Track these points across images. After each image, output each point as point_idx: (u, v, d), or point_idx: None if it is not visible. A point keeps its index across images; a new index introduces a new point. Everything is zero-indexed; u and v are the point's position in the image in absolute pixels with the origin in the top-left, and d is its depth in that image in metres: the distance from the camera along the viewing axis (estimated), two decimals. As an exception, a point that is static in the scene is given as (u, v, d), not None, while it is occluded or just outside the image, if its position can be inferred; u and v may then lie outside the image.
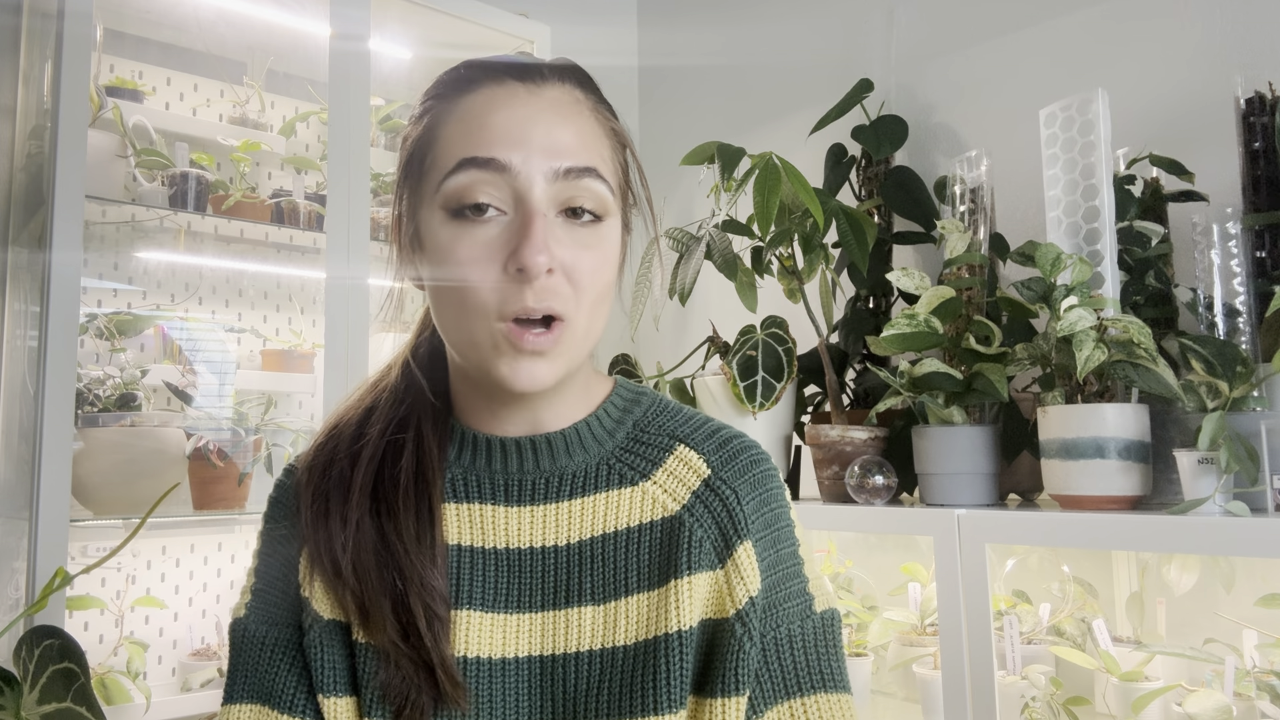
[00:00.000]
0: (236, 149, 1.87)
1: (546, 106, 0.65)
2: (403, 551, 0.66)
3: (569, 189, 0.64)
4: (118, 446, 1.62)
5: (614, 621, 0.67)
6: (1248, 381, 1.03)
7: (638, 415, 0.74)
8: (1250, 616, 1.15)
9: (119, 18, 1.87)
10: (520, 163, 0.63)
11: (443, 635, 0.65)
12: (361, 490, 0.69)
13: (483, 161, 0.63)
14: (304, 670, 0.69)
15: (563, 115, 0.65)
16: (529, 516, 0.69)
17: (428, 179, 0.66)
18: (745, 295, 1.49)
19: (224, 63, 2.01)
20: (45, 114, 1.56)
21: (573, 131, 0.65)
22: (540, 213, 0.63)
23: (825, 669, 0.68)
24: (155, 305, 1.88)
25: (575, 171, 0.64)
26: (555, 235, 0.63)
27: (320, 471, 0.71)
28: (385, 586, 0.66)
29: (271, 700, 0.68)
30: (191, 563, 1.88)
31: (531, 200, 0.63)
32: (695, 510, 0.69)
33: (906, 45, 1.75)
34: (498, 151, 0.63)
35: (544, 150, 0.63)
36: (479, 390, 0.70)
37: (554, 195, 0.64)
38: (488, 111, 0.64)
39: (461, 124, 0.65)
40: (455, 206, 0.63)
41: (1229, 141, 1.19)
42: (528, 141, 0.63)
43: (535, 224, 0.62)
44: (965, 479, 1.22)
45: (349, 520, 0.67)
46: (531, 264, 0.61)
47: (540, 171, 0.63)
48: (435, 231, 0.65)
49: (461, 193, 0.63)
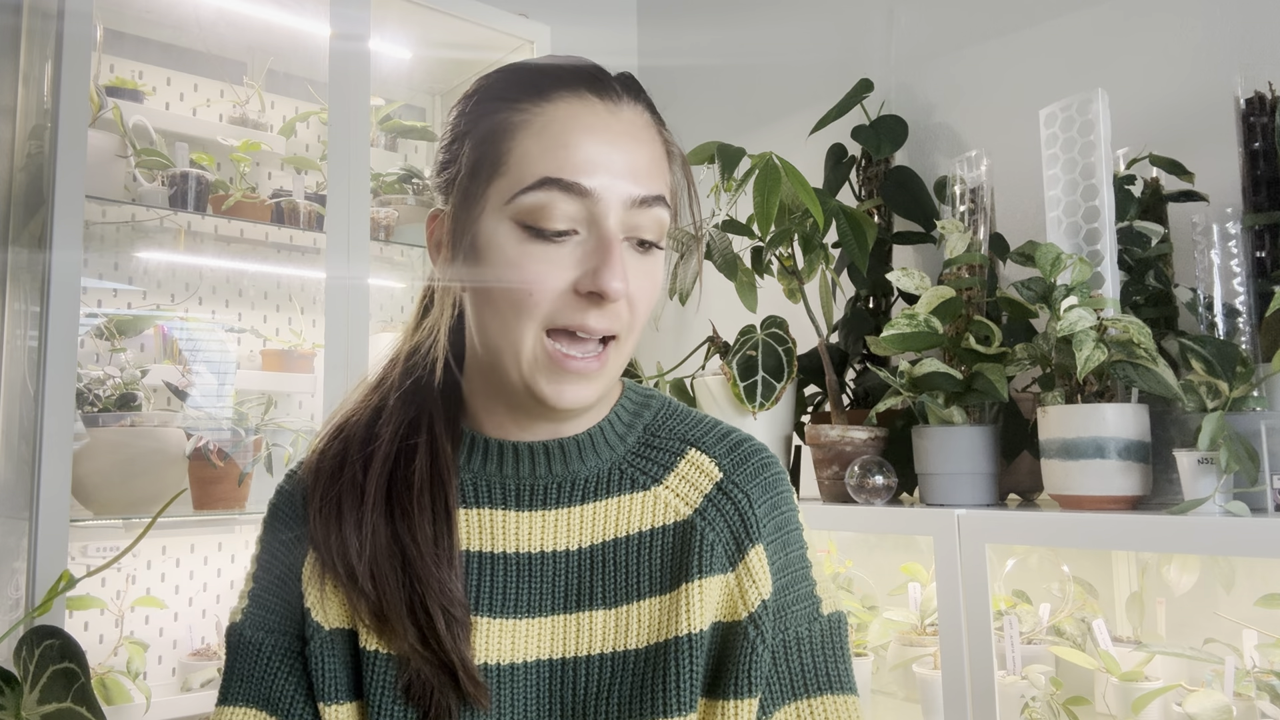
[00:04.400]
0: (236, 149, 1.87)
1: (625, 130, 0.65)
2: (418, 555, 0.66)
3: (639, 216, 0.64)
4: (118, 446, 1.62)
5: (626, 625, 0.67)
6: (1248, 381, 1.03)
7: (648, 419, 0.74)
8: (1250, 616, 1.15)
9: (119, 18, 1.87)
10: (604, 189, 0.62)
11: (462, 638, 0.65)
12: (376, 494, 0.68)
13: (567, 185, 0.62)
14: (301, 677, 0.69)
15: (639, 141, 0.65)
16: (541, 521, 0.69)
17: (497, 186, 0.64)
18: (745, 295, 1.49)
19: (224, 63, 2.01)
20: (45, 114, 1.56)
21: (647, 158, 0.65)
22: (619, 239, 0.63)
23: (833, 671, 0.68)
24: (155, 305, 1.88)
25: (649, 200, 0.64)
26: (625, 262, 0.64)
27: (330, 475, 0.70)
28: (403, 592, 0.65)
29: (269, 706, 0.68)
30: (191, 563, 1.88)
31: (609, 226, 0.63)
32: (707, 514, 0.69)
33: (906, 45, 1.75)
34: (583, 177, 0.62)
35: (624, 178, 0.63)
36: (500, 398, 0.69)
37: (626, 221, 0.64)
38: (570, 130, 0.63)
39: (542, 139, 0.63)
40: (530, 222, 0.63)
41: (1229, 141, 1.19)
42: (611, 168, 0.63)
43: (615, 251, 0.62)
44: (965, 479, 1.22)
45: (364, 525, 0.67)
46: (612, 290, 0.61)
47: (619, 198, 0.63)
48: (502, 243, 0.63)
49: (539, 212, 0.62)
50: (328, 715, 0.67)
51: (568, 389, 0.64)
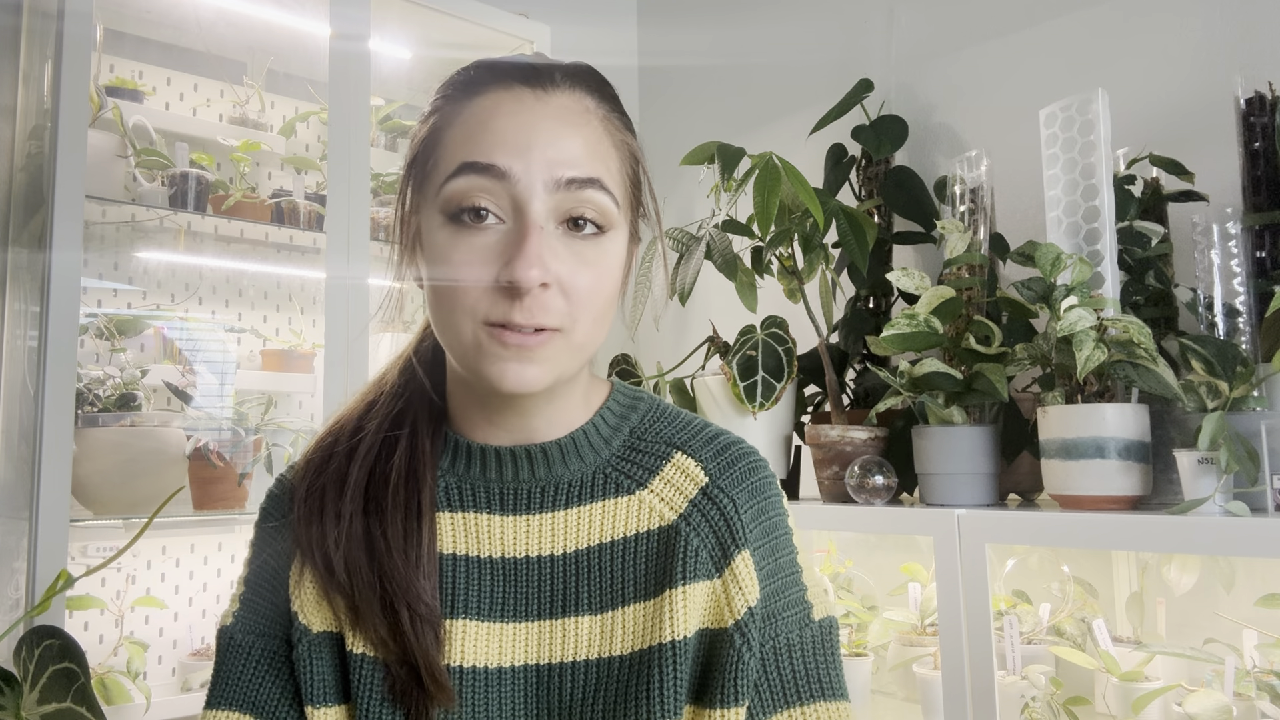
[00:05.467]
0: (236, 149, 1.87)
1: (552, 114, 0.63)
2: (386, 551, 0.65)
3: (570, 200, 0.62)
4: (118, 446, 1.62)
5: (610, 631, 0.66)
6: (1248, 381, 1.03)
7: (634, 421, 0.73)
8: (1250, 616, 1.15)
9: (119, 18, 1.87)
10: (521, 171, 0.61)
11: (425, 635, 0.64)
12: (355, 486, 0.68)
13: (482, 167, 0.61)
14: (289, 681, 0.68)
15: (569, 124, 0.63)
16: (524, 526, 0.69)
17: (430, 180, 0.65)
18: (745, 295, 1.49)
19: (224, 63, 2.01)
20: (45, 114, 1.56)
21: (579, 141, 0.63)
22: (537, 225, 0.61)
23: (824, 677, 0.68)
24: (155, 305, 1.88)
25: (578, 182, 0.62)
26: (553, 249, 0.62)
27: (317, 467, 0.70)
28: (374, 585, 0.65)
29: (255, 709, 0.68)
30: (191, 563, 1.88)
31: (530, 211, 0.61)
32: (692, 519, 0.68)
33: (906, 45, 1.75)
34: (498, 158, 0.61)
35: (546, 159, 0.61)
36: (473, 395, 0.69)
37: (555, 206, 0.62)
38: (492, 116, 0.63)
39: (464, 128, 0.63)
40: (453, 211, 0.62)
41: (1229, 141, 1.19)
42: (529, 149, 0.61)
43: (530, 237, 0.60)
44: (965, 479, 1.22)
45: (342, 515, 0.67)
46: (523, 278, 0.59)
47: (541, 181, 0.61)
48: (433, 233, 0.64)
49: (460, 197, 0.62)
50: (315, 718, 0.67)
51: (510, 368, 0.61)
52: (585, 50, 0.75)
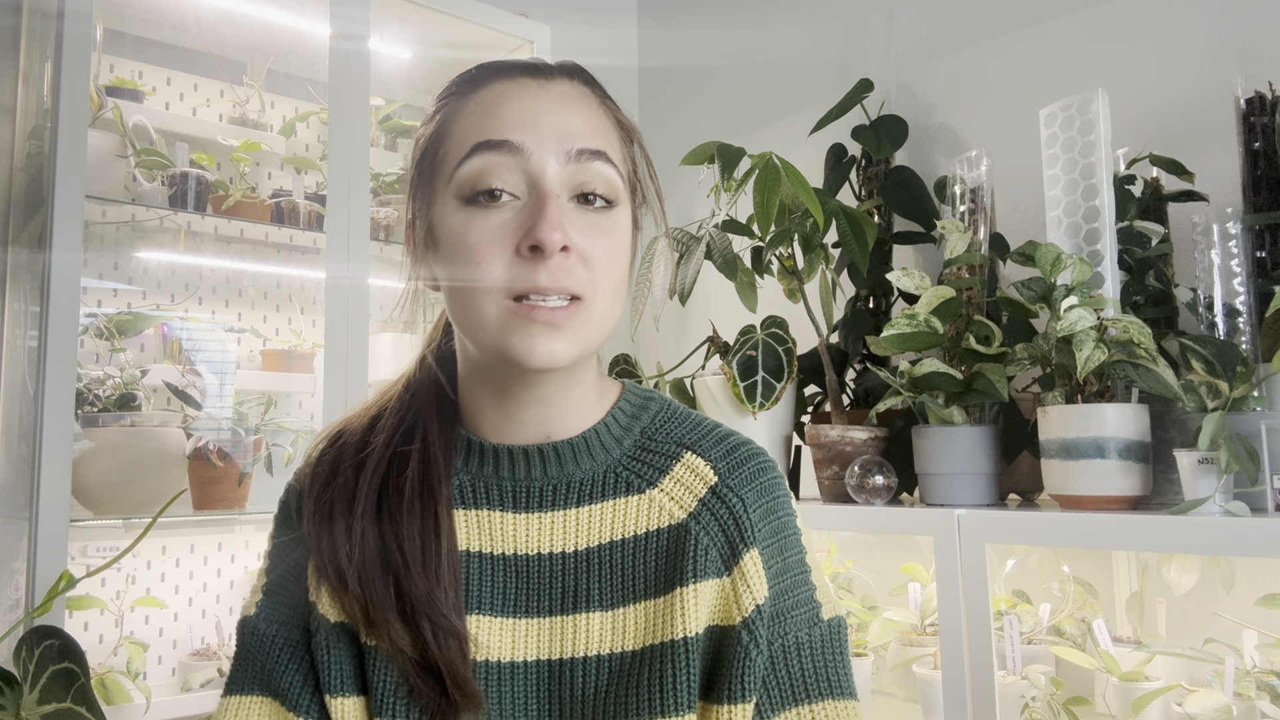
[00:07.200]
0: (236, 149, 1.87)
1: (555, 97, 0.66)
2: (404, 564, 0.66)
3: (581, 172, 0.65)
4: (118, 447, 1.62)
5: (621, 627, 0.67)
6: (1248, 381, 1.03)
7: (645, 421, 0.74)
8: (1250, 616, 1.15)
9: (119, 18, 1.87)
10: (533, 145, 0.64)
11: (449, 646, 0.65)
12: (366, 500, 0.68)
13: (496, 144, 0.64)
14: (310, 670, 0.69)
15: (572, 105, 0.67)
16: (537, 523, 0.70)
17: (440, 172, 0.67)
18: (745, 295, 1.49)
19: (224, 63, 2.01)
20: (45, 114, 1.56)
21: (583, 119, 0.66)
22: (554, 193, 0.63)
23: (832, 676, 0.68)
24: (155, 305, 1.88)
25: (587, 154, 0.65)
26: (569, 218, 0.64)
27: (324, 481, 0.71)
28: (392, 599, 0.66)
29: (277, 695, 0.68)
30: (191, 563, 1.88)
31: (545, 182, 0.63)
32: (702, 518, 0.69)
33: (906, 45, 1.75)
34: (510, 134, 0.64)
35: (556, 133, 0.64)
36: (491, 390, 0.70)
37: (567, 178, 0.64)
38: (500, 102, 0.66)
39: (473, 115, 0.66)
40: (469, 193, 0.64)
41: (1229, 141, 1.19)
42: (539, 125, 0.64)
43: (550, 203, 0.62)
44: (965, 479, 1.22)
45: (353, 531, 0.67)
46: (547, 240, 0.61)
47: (553, 153, 0.64)
48: (448, 220, 0.65)
49: (475, 178, 0.64)
50: (333, 707, 0.67)
51: (540, 343, 0.62)
52: (585, 50, 0.76)
